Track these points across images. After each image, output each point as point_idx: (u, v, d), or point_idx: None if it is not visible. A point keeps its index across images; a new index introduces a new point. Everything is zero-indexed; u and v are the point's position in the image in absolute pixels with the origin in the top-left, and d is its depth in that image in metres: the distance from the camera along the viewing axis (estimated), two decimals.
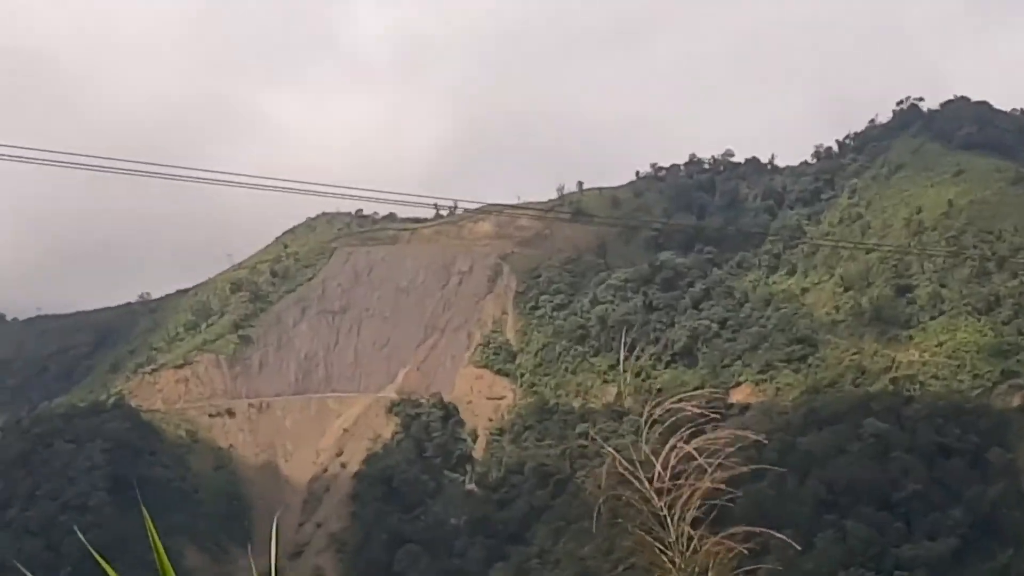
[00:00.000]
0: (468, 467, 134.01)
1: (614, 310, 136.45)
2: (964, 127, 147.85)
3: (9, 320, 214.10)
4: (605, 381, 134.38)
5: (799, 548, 72.19)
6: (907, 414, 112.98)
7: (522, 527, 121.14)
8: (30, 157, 30.14)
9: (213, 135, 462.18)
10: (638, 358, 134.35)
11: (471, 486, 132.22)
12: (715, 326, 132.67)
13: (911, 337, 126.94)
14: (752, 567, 4.98)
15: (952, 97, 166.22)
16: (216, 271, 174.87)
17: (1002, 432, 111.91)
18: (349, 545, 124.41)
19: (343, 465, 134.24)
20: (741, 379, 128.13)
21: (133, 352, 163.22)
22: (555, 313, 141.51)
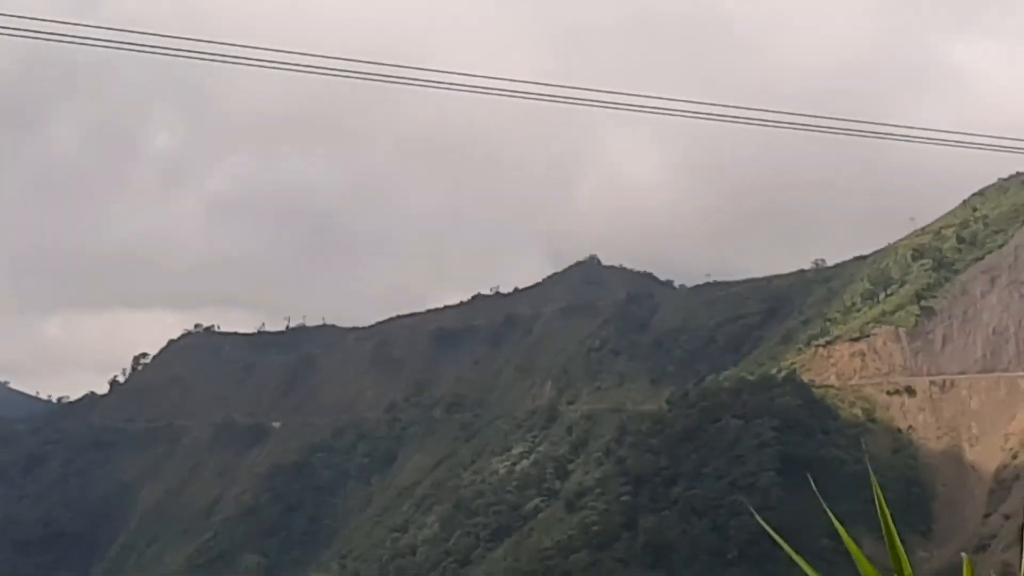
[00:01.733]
0: None
1: None
2: None
3: (677, 287, 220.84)
4: None
5: None
6: None
7: None
8: (705, 113, 30.42)
9: (897, 91, 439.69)
10: None
11: None
12: None
13: None
14: None
15: None
16: (896, 236, 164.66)
17: None
18: None
19: None
20: None
21: (806, 323, 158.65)
22: None
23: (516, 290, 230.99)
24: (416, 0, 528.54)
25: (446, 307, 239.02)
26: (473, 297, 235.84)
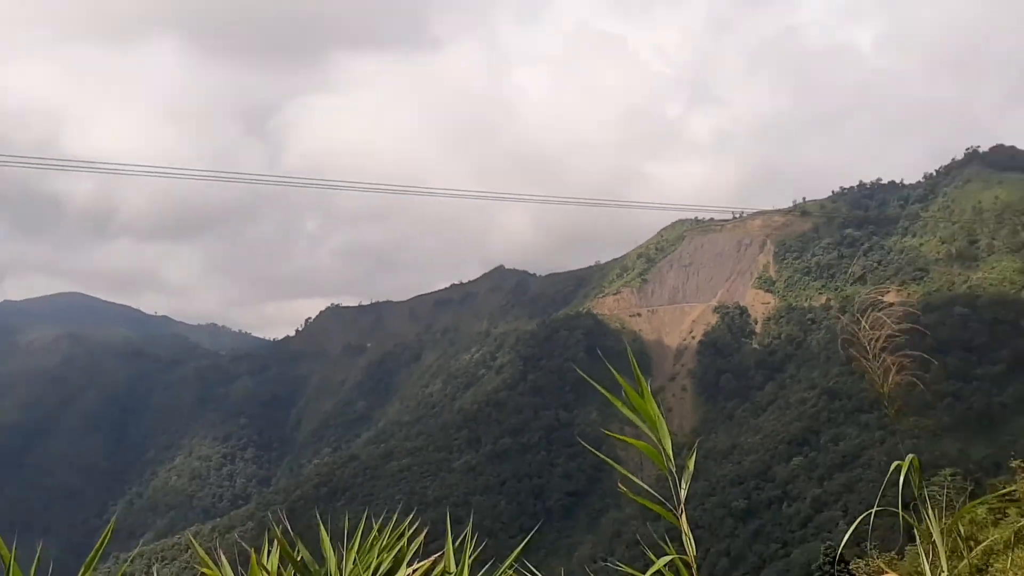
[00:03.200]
0: (752, 337, 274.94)
1: (819, 258, 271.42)
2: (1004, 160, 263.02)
3: (544, 275, 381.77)
4: (819, 292, 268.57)
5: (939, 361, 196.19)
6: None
7: (782, 361, 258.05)
8: None
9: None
10: (835, 278, 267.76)
11: (755, 345, 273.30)
12: (875, 263, 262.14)
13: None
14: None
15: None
16: (630, 248, 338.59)
17: None
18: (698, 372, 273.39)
19: (693, 338, 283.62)
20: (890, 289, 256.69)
21: (595, 288, 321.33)
22: (794, 262, 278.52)
23: None
24: None
25: None
26: None
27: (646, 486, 5.45)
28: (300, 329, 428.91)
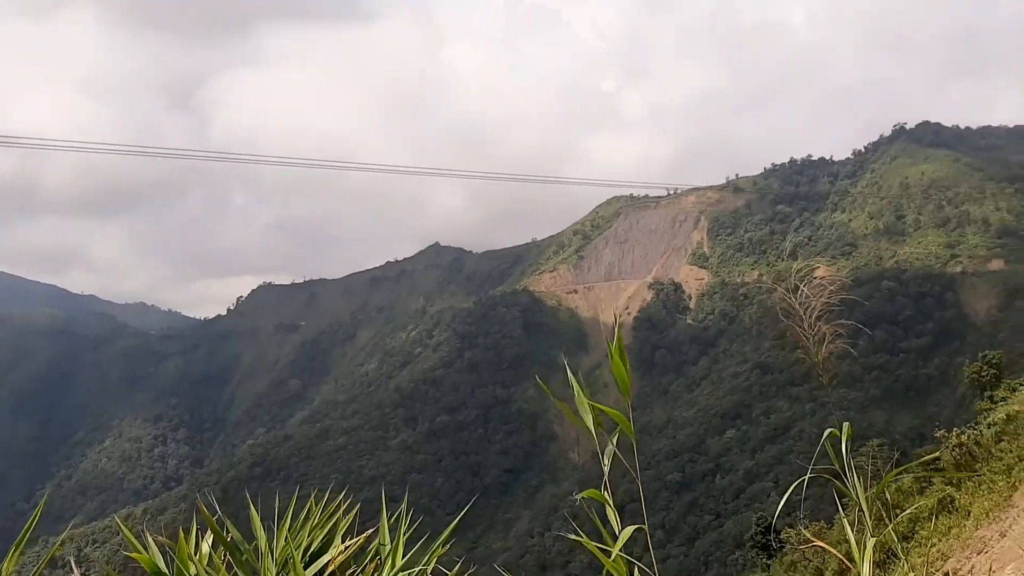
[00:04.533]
0: (687, 312, 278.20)
1: (752, 234, 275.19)
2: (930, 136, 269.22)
3: (480, 253, 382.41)
4: (751, 268, 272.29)
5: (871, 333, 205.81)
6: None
7: (715, 336, 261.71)
8: None
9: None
10: (767, 253, 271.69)
11: (690, 321, 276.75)
12: (806, 239, 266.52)
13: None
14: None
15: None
16: (566, 225, 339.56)
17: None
18: (633, 348, 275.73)
19: (629, 314, 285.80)
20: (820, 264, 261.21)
21: (531, 265, 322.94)
22: (727, 237, 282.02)
23: None
24: None
25: None
26: None
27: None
28: (231, 308, 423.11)
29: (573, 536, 3.45)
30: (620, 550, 3.08)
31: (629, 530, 3.38)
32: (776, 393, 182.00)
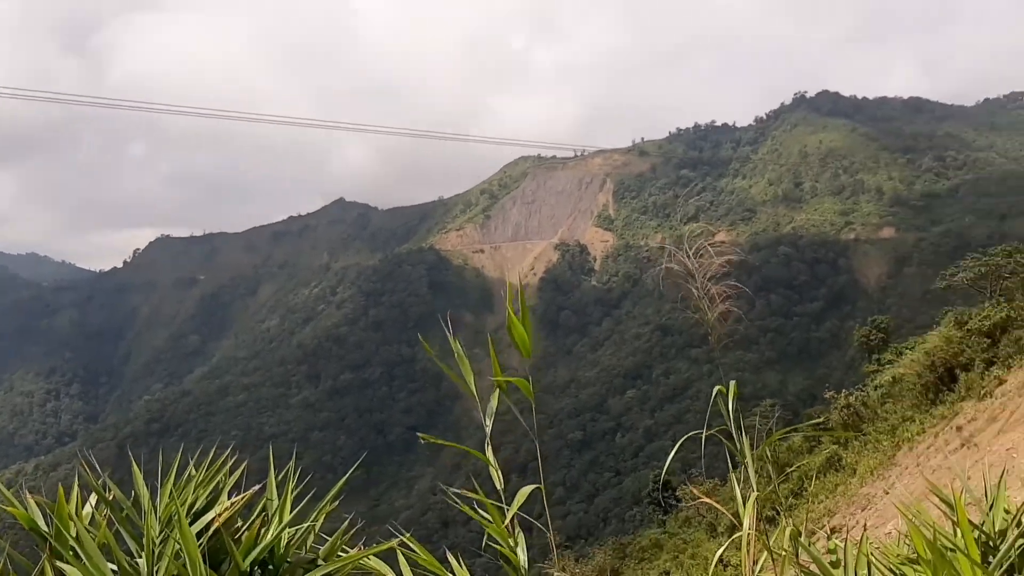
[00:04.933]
0: (592, 274, 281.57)
1: (656, 198, 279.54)
2: (829, 105, 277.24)
3: (386, 209, 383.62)
4: (655, 231, 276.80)
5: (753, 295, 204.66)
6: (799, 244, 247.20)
7: (619, 298, 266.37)
8: None
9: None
10: (670, 217, 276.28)
11: (593, 283, 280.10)
12: (708, 203, 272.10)
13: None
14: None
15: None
16: (473, 184, 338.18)
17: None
18: (539, 308, 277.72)
19: (535, 275, 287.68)
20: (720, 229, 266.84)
21: (437, 223, 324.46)
22: (632, 200, 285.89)
23: None
24: None
25: None
26: None
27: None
28: (128, 260, 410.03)
29: (469, 493, 3.49)
30: (518, 508, 3.14)
31: (527, 490, 3.45)
32: (676, 354, 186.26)
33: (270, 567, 2.39)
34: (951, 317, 38.37)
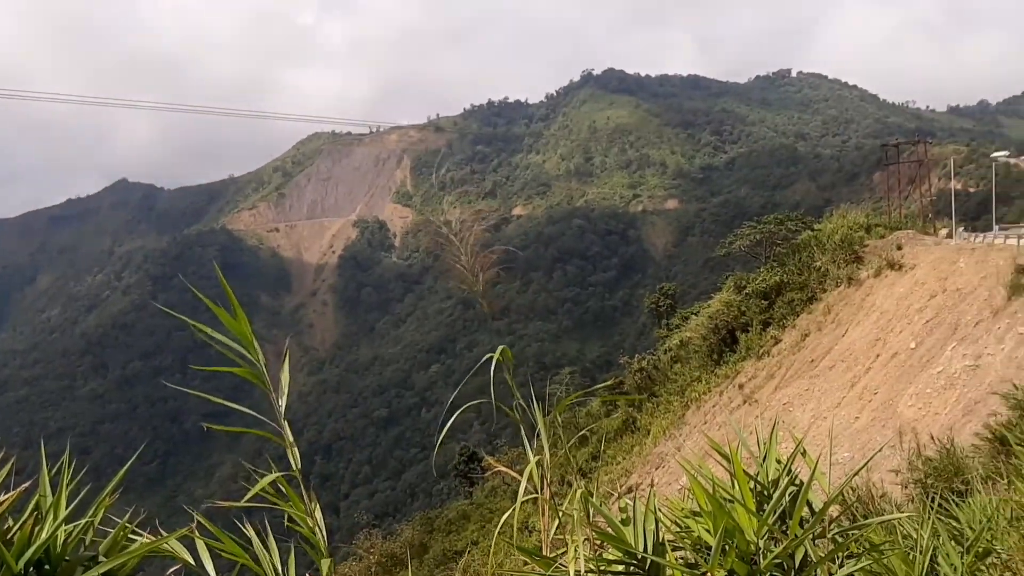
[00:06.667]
0: (392, 251, 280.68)
1: (454, 174, 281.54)
2: (615, 83, 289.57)
3: (175, 189, 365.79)
4: (452, 206, 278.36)
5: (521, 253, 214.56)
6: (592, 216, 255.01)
7: (420, 273, 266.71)
8: None
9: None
10: (468, 194, 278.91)
11: (394, 259, 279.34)
12: (504, 179, 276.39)
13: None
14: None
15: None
16: (266, 161, 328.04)
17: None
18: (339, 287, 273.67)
19: (334, 253, 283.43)
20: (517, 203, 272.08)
21: (228, 203, 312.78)
22: (429, 176, 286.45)
23: None
24: None
25: None
26: None
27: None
28: None
29: (265, 473, 3.39)
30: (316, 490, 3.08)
31: None
32: (478, 328, 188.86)
33: (47, 567, 2.25)
34: (731, 282, 40.77)
